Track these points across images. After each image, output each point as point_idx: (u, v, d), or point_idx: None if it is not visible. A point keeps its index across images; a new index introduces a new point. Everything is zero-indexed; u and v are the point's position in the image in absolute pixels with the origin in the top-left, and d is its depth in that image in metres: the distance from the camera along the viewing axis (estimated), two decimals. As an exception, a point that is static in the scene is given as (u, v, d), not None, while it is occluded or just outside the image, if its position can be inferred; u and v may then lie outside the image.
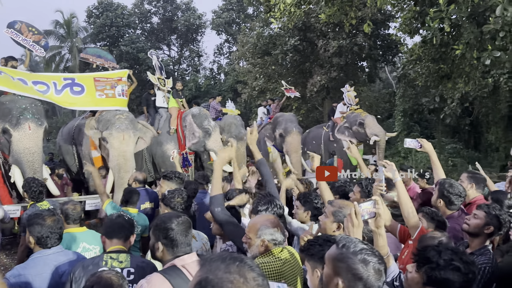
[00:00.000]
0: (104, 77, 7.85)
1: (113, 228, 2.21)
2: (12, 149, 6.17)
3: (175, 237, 1.77)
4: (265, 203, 2.42)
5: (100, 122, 7.50)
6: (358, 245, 1.27)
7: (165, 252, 1.78)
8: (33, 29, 7.76)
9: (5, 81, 6.43)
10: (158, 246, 1.79)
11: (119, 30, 25.17)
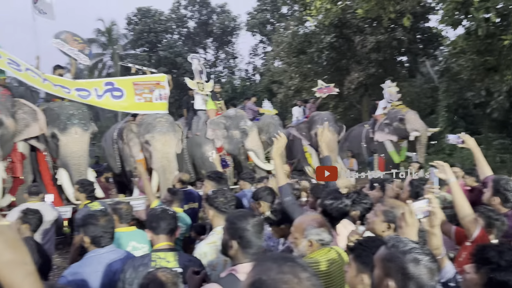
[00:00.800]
0: (142, 81, 8.08)
1: (158, 223, 2.25)
2: (60, 153, 6.47)
3: (249, 238, 1.75)
4: (332, 198, 2.39)
5: (142, 126, 7.74)
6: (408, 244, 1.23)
7: (238, 252, 1.75)
8: (78, 39, 8.12)
9: (48, 86, 6.81)
10: (232, 244, 1.76)
11: (157, 36, 25.89)
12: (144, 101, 7.81)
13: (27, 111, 6.28)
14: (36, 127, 6.24)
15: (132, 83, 7.87)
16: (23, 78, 6.48)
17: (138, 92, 7.80)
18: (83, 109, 6.93)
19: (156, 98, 7.94)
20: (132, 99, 7.73)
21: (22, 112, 6.21)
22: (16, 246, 0.81)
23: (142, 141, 7.66)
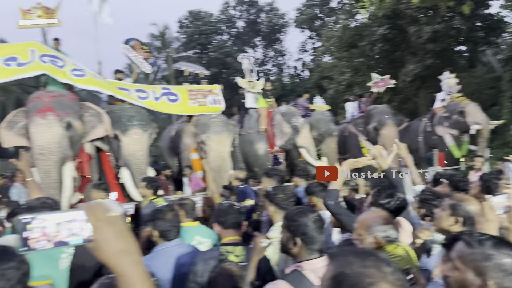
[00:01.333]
0: (196, 89, 8.46)
1: (226, 217, 2.32)
2: (122, 153, 6.83)
3: (312, 234, 1.75)
4: (386, 196, 2.33)
5: (197, 126, 8.01)
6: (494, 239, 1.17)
7: (302, 249, 1.75)
8: (145, 47, 8.56)
9: (111, 88, 7.18)
10: (296, 241, 1.75)
11: (208, 37, 26.48)
12: (198, 105, 8.11)
13: (93, 113, 6.69)
14: (102, 128, 6.63)
15: (187, 90, 8.21)
16: (87, 84, 6.90)
17: (192, 97, 8.13)
18: (142, 111, 7.28)
19: (210, 102, 8.23)
20: (186, 103, 8.06)
21: (89, 114, 6.63)
22: (125, 236, 0.87)
23: (198, 141, 7.92)
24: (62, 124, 5.89)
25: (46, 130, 5.73)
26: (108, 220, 0.86)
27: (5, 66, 6.32)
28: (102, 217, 0.86)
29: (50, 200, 2.62)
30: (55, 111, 5.88)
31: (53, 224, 0.85)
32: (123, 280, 0.83)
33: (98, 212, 0.86)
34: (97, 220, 0.85)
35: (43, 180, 5.66)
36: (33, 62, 6.46)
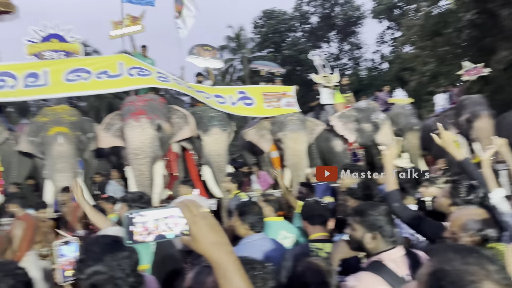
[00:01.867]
0: (271, 91, 8.60)
1: (313, 213, 2.37)
2: (203, 152, 7.21)
3: (387, 226, 1.76)
4: (467, 193, 2.22)
5: (275, 125, 8.14)
6: None
7: (378, 243, 1.75)
8: (207, 47, 8.93)
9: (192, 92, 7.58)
10: (370, 236, 1.76)
11: (282, 35, 26.62)
12: (272, 108, 8.26)
13: (180, 115, 7.16)
14: (188, 129, 7.07)
15: (261, 93, 8.40)
16: (173, 87, 7.39)
17: (267, 101, 8.32)
18: (222, 111, 7.62)
19: (284, 105, 8.33)
20: (261, 106, 8.28)
21: (176, 117, 7.11)
22: (217, 229, 0.97)
23: (275, 139, 8.05)
24: (153, 126, 6.39)
25: (139, 132, 6.25)
26: (202, 215, 0.96)
27: (97, 79, 7.01)
28: (196, 213, 0.96)
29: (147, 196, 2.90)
30: (147, 114, 6.40)
31: (153, 220, 0.97)
32: (219, 268, 0.92)
33: (193, 208, 0.96)
34: (192, 215, 0.95)
35: (137, 177, 6.19)
36: (123, 76, 7.07)
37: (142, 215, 0.97)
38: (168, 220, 0.97)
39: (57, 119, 6.62)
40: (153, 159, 6.31)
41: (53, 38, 7.52)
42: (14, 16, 8.83)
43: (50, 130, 6.41)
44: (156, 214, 0.97)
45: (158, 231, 0.97)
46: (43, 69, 6.95)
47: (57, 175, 6.17)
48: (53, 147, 6.28)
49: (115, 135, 6.82)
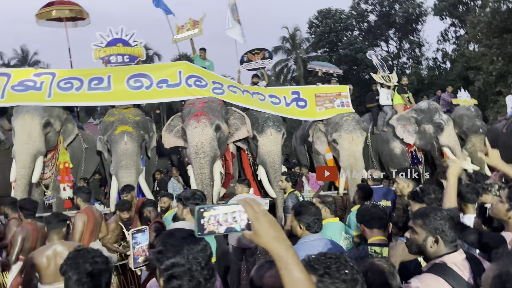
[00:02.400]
0: (324, 92, 8.55)
1: (371, 217, 2.38)
2: (258, 152, 7.37)
3: (447, 232, 1.75)
4: None
5: (329, 125, 8.09)
6: None
7: (440, 247, 1.75)
8: (256, 51, 9.08)
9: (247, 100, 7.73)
10: (432, 240, 1.76)
11: (338, 35, 26.21)
12: (324, 110, 8.25)
13: (237, 116, 7.37)
14: (245, 130, 7.27)
15: (314, 94, 8.39)
16: (226, 99, 7.59)
17: (319, 103, 8.29)
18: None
19: (337, 105, 8.26)
20: (314, 109, 8.28)
21: (233, 118, 7.34)
22: (276, 225, 1.06)
23: (330, 140, 8.01)
24: (213, 127, 6.65)
25: (200, 132, 6.53)
26: (263, 212, 1.04)
27: (157, 88, 7.40)
28: (258, 210, 1.04)
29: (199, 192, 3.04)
30: (206, 115, 6.66)
31: (222, 214, 1.08)
32: (280, 261, 0.99)
33: (254, 206, 1.05)
34: (254, 212, 1.04)
35: (198, 176, 6.46)
36: (181, 86, 7.43)
37: (211, 209, 1.09)
38: (235, 215, 1.09)
39: (123, 119, 7.06)
40: (212, 158, 6.56)
41: (118, 42, 8.02)
42: (86, 23, 9.55)
43: (117, 129, 6.85)
44: (225, 209, 1.09)
45: (227, 224, 1.09)
46: (108, 74, 7.48)
47: (122, 172, 6.58)
48: (119, 145, 6.71)
49: (176, 136, 7.17)
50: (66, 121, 7.32)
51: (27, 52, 28.35)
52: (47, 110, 6.83)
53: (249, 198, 1.08)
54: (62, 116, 7.21)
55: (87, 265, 1.62)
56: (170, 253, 1.37)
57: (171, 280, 1.35)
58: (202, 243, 1.42)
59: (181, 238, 1.42)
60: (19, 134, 6.50)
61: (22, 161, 6.35)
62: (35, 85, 7.17)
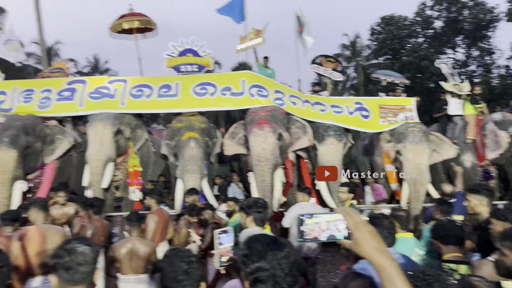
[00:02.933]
0: (388, 104, 8.25)
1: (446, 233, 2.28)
2: (318, 161, 7.31)
3: None
4: None
5: (393, 135, 7.83)
6: None
7: None
8: (331, 59, 9.01)
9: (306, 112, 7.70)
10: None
11: (401, 42, 25.37)
12: (387, 123, 7.97)
13: (299, 125, 7.39)
14: (306, 139, 7.27)
15: (378, 106, 8.14)
16: (287, 110, 7.59)
17: (383, 116, 8.02)
18: None
19: (401, 119, 7.96)
20: (376, 120, 8.02)
21: (295, 127, 7.37)
22: (377, 235, 1.05)
23: (393, 151, 7.74)
24: (275, 135, 6.72)
25: (262, 140, 6.63)
26: (363, 222, 1.04)
27: (221, 95, 7.61)
28: (358, 220, 1.05)
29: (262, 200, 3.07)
30: (269, 124, 6.75)
31: (324, 222, 1.10)
32: (383, 272, 1.00)
33: (354, 215, 1.05)
34: (355, 222, 1.04)
35: (259, 183, 6.56)
36: (244, 95, 7.59)
37: (313, 217, 1.11)
38: (336, 223, 1.10)
39: (190, 125, 7.35)
40: (274, 166, 6.62)
41: (189, 52, 8.38)
42: (154, 34, 10.12)
43: (184, 135, 7.15)
44: (327, 217, 1.11)
45: (329, 232, 1.10)
46: (176, 81, 7.82)
47: (188, 176, 6.84)
48: (185, 150, 6.98)
49: (238, 143, 7.33)
50: (136, 127, 7.73)
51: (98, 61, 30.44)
52: (118, 118, 7.22)
53: (348, 208, 1.10)
54: (132, 123, 7.62)
55: (183, 263, 1.73)
56: (255, 257, 1.40)
57: (256, 284, 1.38)
58: (286, 250, 1.43)
59: (266, 243, 1.44)
60: (92, 141, 6.94)
61: (95, 168, 6.78)
62: (109, 93, 7.65)
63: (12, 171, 6.58)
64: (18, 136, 6.71)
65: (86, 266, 1.58)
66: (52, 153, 7.36)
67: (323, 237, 1.10)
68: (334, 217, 1.10)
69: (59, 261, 1.57)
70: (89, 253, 1.61)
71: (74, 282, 1.57)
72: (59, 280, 1.56)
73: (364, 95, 23.43)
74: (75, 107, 7.55)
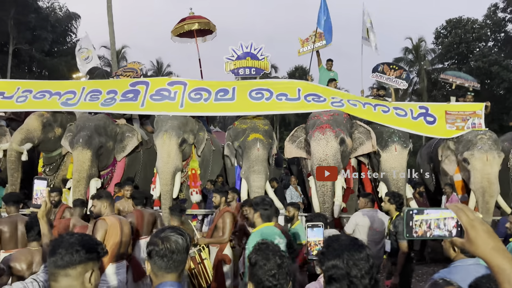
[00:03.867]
0: (456, 110, 7.83)
1: None
2: (380, 168, 7.10)
3: None
4: None
5: (460, 143, 7.45)
6: None
7: None
8: (394, 66, 8.74)
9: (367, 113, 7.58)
10: None
11: (469, 46, 24.02)
12: (455, 129, 7.58)
13: (362, 131, 7.26)
14: (369, 145, 7.12)
15: (445, 111, 7.78)
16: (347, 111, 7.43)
17: (450, 121, 7.64)
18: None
19: (468, 127, 7.52)
20: (443, 126, 7.66)
21: (358, 132, 7.25)
22: (494, 235, 0.99)
23: (460, 159, 7.38)
24: (338, 140, 6.66)
25: (324, 144, 6.59)
26: (479, 220, 0.99)
27: (277, 100, 7.67)
28: (473, 217, 0.99)
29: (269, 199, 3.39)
30: (332, 128, 6.71)
31: (434, 219, 1.08)
32: (502, 274, 0.94)
33: (469, 213, 1.00)
34: (470, 219, 0.99)
35: (319, 187, 6.53)
36: (299, 100, 7.62)
37: (423, 213, 1.10)
38: (446, 221, 1.08)
39: (254, 127, 7.49)
40: (336, 171, 6.56)
41: (247, 56, 8.56)
42: (213, 36, 10.43)
43: (250, 136, 7.28)
44: (436, 214, 1.09)
45: (438, 230, 1.09)
46: (233, 86, 8.01)
47: (254, 176, 6.96)
48: (251, 151, 7.10)
49: (298, 147, 7.35)
50: (198, 131, 7.94)
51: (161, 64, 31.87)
52: (181, 127, 7.37)
53: (461, 204, 1.05)
54: (194, 129, 7.80)
55: (276, 257, 1.81)
56: (331, 255, 1.43)
57: (331, 282, 1.40)
58: (365, 252, 1.44)
59: (344, 243, 1.47)
60: (160, 153, 7.19)
61: (164, 179, 7.04)
62: (170, 95, 7.96)
63: (88, 170, 7.08)
64: (91, 137, 7.20)
65: (179, 255, 1.66)
66: (122, 150, 7.82)
67: (432, 234, 1.07)
68: (445, 214, 1.07)
69: (154, 248, 1.66)
70: (181, 242, 1.68)
71: (167, 269, 1.65)
72: (153, 266, 1.66)
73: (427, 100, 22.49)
74: (138, 107, 7.92)
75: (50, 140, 8.00)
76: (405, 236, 1.10)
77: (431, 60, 26.64)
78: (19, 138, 7.54)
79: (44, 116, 7.99)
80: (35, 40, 23.62)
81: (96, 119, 7.63)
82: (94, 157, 7.20)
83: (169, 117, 7.45)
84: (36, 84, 8.67)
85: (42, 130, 7.85)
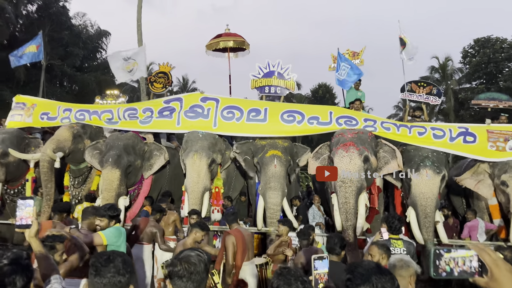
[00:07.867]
0: (498, 129, 7.56)
1: None
2: (410, 192, 6.84)
3: None
4: None
5: (496, 166, 7.21)
6: None
7: None
8: (422, 83, 8.60)
9: (389, 134, 7.43)
10: None
11: (498, 66, 23.49)
12: (495, 149, 7.28)
13: (387, 150, 7.10)
14: (395, 164, 6.94)
15: (486, 130, 7.52)
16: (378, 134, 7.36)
17: (492, 140, 7.33)
18: (438, 152, 7.14)
19: (510, 147, 7.23)
20: (484, 145, 7.36)
21: (383, 151, 7.10)
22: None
23: (497, 183, 7.10)
24: (361, 158, 6.54)
25: (347, 162, 6.48)
26: (501, 259, 0.99)
27: (308, 124, 7.66)
28: (496, 257, 1.00)
29: None
30: (356, 146, 6.61)
31: (461, 257, 1.08)
32: None
33: (491, 253, 1.01)
34: (492, 259, 1.00)
35: (342, 205, 6.40)
36: (331, 124, 7.59)
37: (450, 252, 1.10)
38: (471, 259, 1.08)
39: (273, 143, 7.52)
40: (358, 189, 6.41)
41: (274, 74, 8.63)
42: (246, 53, 10.59)
43: (268, 152, 7.31)
44: (463, 253, 1.09)
45: (464, 268, 1.08)
46: (265, 107, 8.04)
47: (270, 192, 6.94)
48: (269, 167, 7.12)
49: (322, 164, 7.26)
50: (225, 150, 8.03)
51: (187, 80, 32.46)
52: (211, 147, 7.55)
53: (482, 244, 1.08)
54: (222, 148, 7.95)
55: (298, 283, 1.80)
56: (359, 280, 1.46)
57: None
58: (390, 275, 1.49)
59: (369, 268, 1.51)
60: (190, 173, 7.34)
61: (194, 199, 7.17)
62: (203, 112, 8.11)
63: (116, 189, 7.24)
64: (120, 157, 7.37)
65: (197, 275, 1.66)
66: (150, 168, 7.97)
67: (456, 272, 1.09)
68: (470, 253, 1.08)
69: (173, 269, 1.67)
70: (200, 263, 1.68)
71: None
72: (174, 286, 1.67)
73: (454, 121, 22.01)
74: (174, 125, 8.17)
75: (79, 151, 8.21)
76: (432, 275, 1.10)
77: (458, 80, 26.16)
78: (51, 147, 7.76)
79: (74, 127, 8.27)
80: (67, 56, 24.52)
81: (125, 138, 7.79)
82: (123, 176, 7.35)
83: (199, 137, 7.61)
84: (74, 104, 9.07)
85: (72, 140, 8.09)
